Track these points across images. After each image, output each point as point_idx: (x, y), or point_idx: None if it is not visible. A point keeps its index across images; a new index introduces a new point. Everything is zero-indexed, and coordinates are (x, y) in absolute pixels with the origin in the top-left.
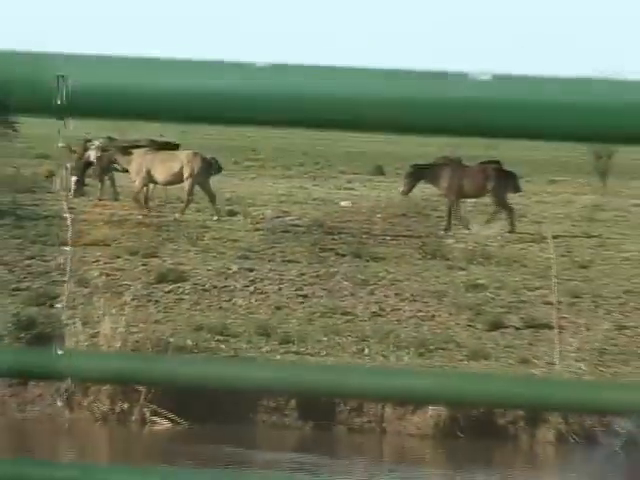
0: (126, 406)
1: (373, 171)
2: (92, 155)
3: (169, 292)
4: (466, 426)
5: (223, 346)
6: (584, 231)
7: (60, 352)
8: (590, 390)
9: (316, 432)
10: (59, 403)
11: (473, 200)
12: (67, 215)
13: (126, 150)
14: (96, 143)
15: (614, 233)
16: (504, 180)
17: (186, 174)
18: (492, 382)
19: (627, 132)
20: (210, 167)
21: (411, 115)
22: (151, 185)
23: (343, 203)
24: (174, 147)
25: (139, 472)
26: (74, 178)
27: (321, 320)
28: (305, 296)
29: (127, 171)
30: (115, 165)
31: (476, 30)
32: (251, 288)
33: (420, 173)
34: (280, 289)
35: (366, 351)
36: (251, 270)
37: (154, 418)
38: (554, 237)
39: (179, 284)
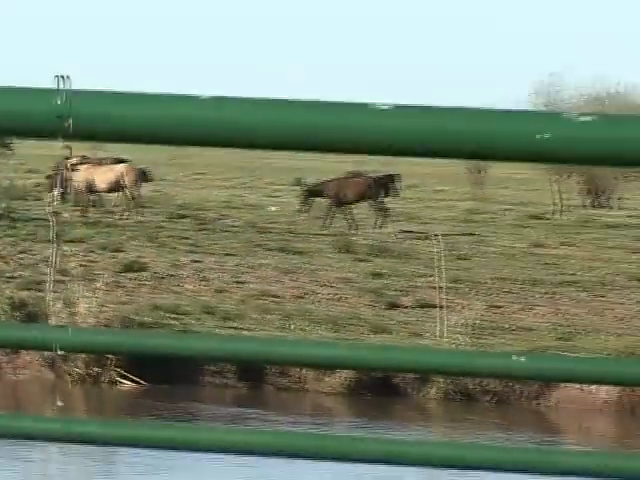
0: (98, 370)
1: (294, 182)
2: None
3: (132, 279)
4: (370, 386)
5: (176, 322)
6: (463, 230)
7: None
8: (468, 357)
9: (250, 391)
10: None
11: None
12: (52, 218)
13: (74, 167)
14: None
15: (487, 232)
16: (381, 188)
17: (125, 183)
18: (390, 351)
19: (498, 152)
20: (143, 175)
21: (323, 138)
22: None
23: (271, 208)
24: (124, 162)
25: (111, 425)
26: (59, 190)
27: (254, 302)
28: (241, 282)
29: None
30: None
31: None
32: (198, 276)
33: (310, 193)
34: (221, 277)
35: (290, 326)
36: (198, 262)
37: (120, 380)
38: (439, 235)
39: (140, 273)
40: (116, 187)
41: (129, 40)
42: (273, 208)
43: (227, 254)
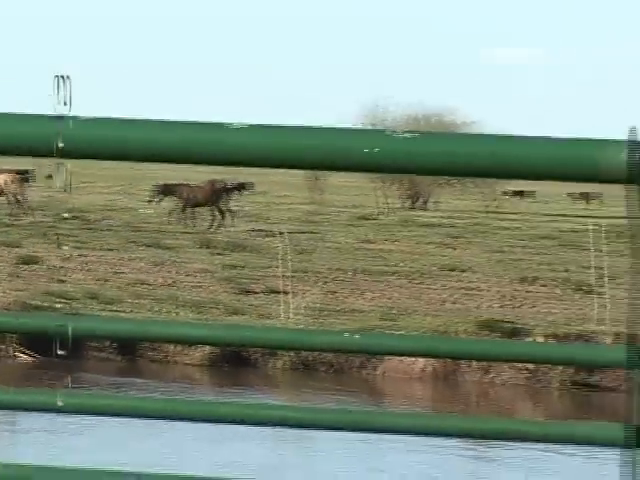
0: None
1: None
2: None
3: (28, 270)
4: (227, 358)
5: (65, 306)
6: (304, 229)
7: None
8: (309, 335)
9: (127, 363)
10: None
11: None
12: None
13: None
14: None
15: (324, 230)
16: (224, 193)
17: (9, 189)
18: (244, 330)
19: (334, 163)
20: (26, 181)
21: (191, 152)
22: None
23: (146, 211)
24: (25, 172)
25: (9, 391)
26: None
27: (131, 289)
28: (119, 272)
29: None
30: None
31: None
32: (83, 267)
33: (162, 190)
34: (103, 268)
35: (160, 310)
36: (83, 255)
37: (19, 354)
38: (284, 233)
39: (36, 265)
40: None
41: (129, 41)
42: (147, 211)
43: (108, 249)
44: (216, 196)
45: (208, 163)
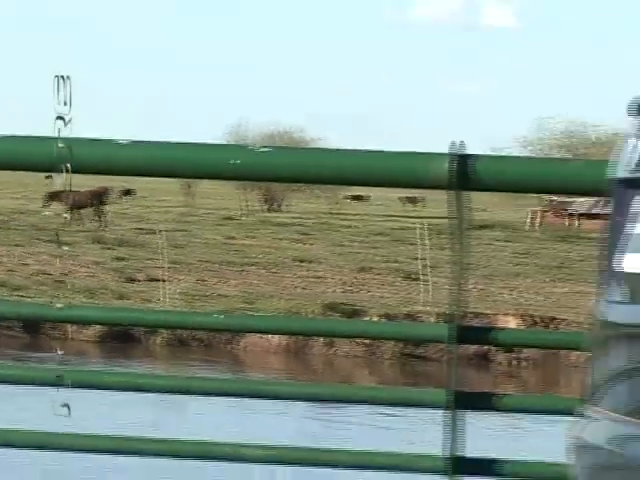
0: None
1: (52, 196)
2: None
3: None
4: (115, 335)
5: None
6: (179, 227)
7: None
8: (183, 316)
9: (32, 340)
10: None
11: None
12: None
13: None
14: None
15: (196, 229)
16: (99, 197)
17: None
18: (129, 311)
19: (203, 172)
20: None
21: (83, 163)
22: None
23: (46, 213)
24: None
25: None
26: None
27: (34, 278)
28: (25, 264)
29: None
30: None
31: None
32: None
33: (50, 197)
34: (11, 260)
35: (59, 295)
36: None
37: None
38: (162, 231)
39: None
40: None
41: (129, 41)
42: (47, 213)
43: (16, 245)
44: (96, 200)
45: (101, 173)
